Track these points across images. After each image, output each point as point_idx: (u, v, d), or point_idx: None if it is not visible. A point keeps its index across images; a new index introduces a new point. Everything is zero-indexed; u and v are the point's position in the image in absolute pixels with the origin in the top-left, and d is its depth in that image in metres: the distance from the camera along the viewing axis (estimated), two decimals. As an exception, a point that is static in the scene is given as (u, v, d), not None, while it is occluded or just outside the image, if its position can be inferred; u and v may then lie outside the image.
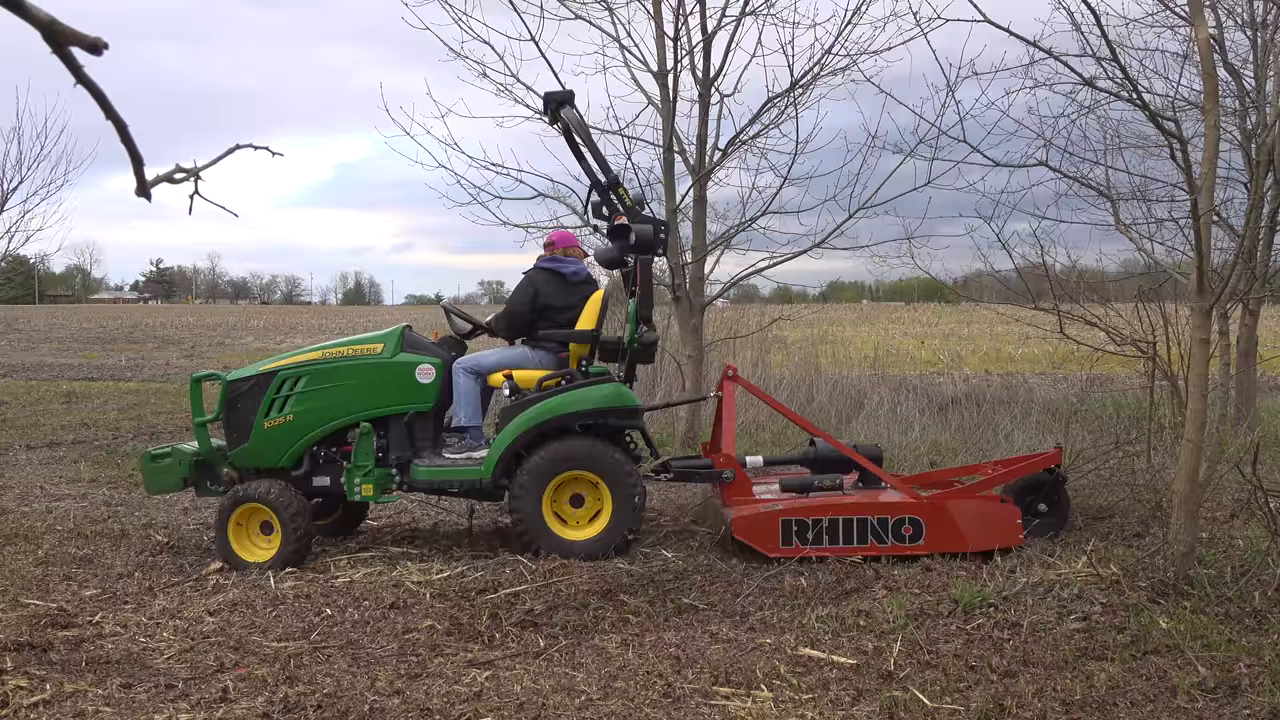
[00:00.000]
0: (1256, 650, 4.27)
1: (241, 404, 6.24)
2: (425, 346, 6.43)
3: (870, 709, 3.89)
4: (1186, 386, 5.28)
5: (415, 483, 6.23)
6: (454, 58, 8.80)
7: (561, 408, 6.13)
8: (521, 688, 4.12)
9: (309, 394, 6.20)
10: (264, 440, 6.20)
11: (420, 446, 6.28)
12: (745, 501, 6.25)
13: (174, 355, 28.32)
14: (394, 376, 6.25)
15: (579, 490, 6.18)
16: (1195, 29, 5.20)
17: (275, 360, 6.42)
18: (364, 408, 6.21)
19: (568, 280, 6.60)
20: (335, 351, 6.31)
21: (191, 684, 4.19)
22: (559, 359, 6.48)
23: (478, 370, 6.36)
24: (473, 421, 6.33)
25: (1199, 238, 5.06)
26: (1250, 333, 9.88)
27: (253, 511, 6.01)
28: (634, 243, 6.37)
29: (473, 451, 6.26)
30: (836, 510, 5.92)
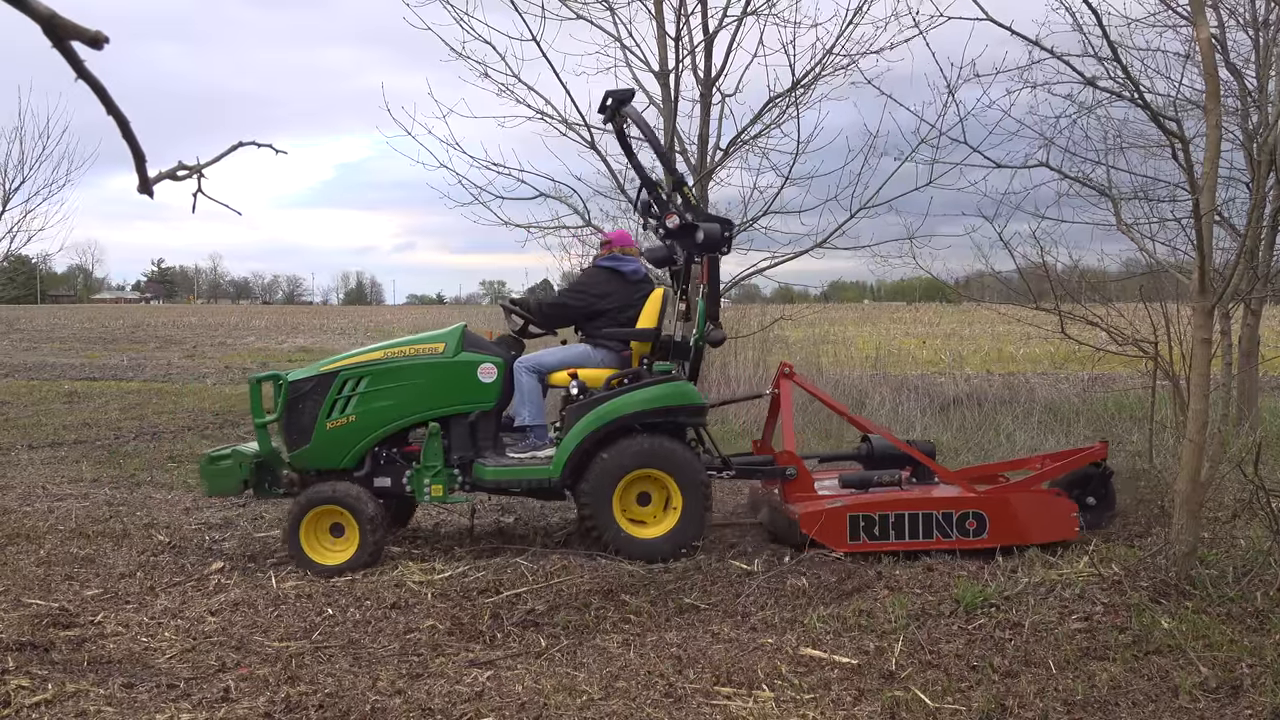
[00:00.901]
0: (1258, 650, 4.26)
1: (303, 405, 6.16)
2: (485, 345, 6.41)
3: (872, 709, 3.89)
4: (1188, 386, 5.27)
5: (482, 482, 6.19)
6: (455, 58, 8.82)
7: (630, 406, 6.12)
8: (523, 688, 4.12)
9: (371, 394, 6.14)
10: (326, 441, 6.13)
11: (482, 446, 6.25)
12: (808, 498, 6.28)
13: (175, 355, 28.34)
14: (456, 376, 6.22)
15: (646, 489, 6.18)
16: (1197, 29, 5.19)
17: (336, 360, 6.37)
18: (426, 408, 6.17)
19: (627, 279, 6.58)
20: (397, 351, 6.26)
21: (193, 684, 4.19)
22: (621, 358, 6.46)
23: (539, 369, 6.34)
24: (536, 421, 6.31)
25: (1201, 237, 5.05)
26: (1252, 332, 9.88)
27: (324, 514, 5.96)
28: (702, 241, 6.39)
29: (537, 451, 6.23)
30: (903, 505, 5.97)
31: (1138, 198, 8.92)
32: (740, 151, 9.10)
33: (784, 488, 6.43)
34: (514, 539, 6.62)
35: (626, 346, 6.47)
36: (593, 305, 6.47)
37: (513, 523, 7.17)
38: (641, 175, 6.90)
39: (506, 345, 6.52)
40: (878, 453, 6.73)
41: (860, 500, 6.07)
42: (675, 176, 6.56)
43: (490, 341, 6.50)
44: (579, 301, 6.49)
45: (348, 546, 5.93)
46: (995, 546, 5.86)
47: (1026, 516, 5.99)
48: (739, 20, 8.67)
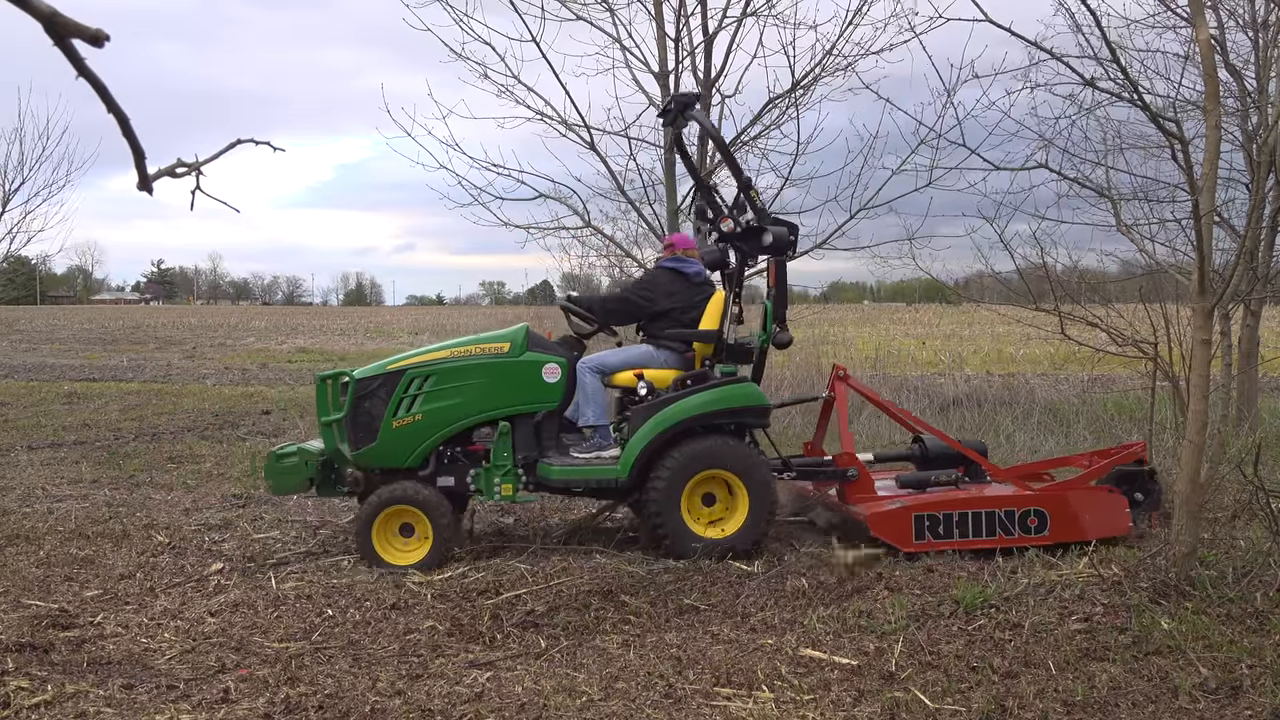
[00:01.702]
0: (1258, 651, 4.26)
1: (368, 403, 6.16)
2: (549, 346, 6.43)
3: (871, 710, 3.89)
4: (1188, 387, 5.27)
5: (548, 482, 6.19)
6: (455, 59, 8.81)
7: (699, 407, 6.14)
8: (523, 688, 4.12)
9: (437, 393, 6.13)
10: (392, 439, 6.12)
11: (545, 446, 6.26)
12: (868, 498, 6.33)
13: (175, 356, 28.35)
14: (521, 376, 6.22)
15: (710, 489, 6.20)
16: (1196, 30, 5.20)
17: (402, 359, 6.35)
18: (492, 407, 6.18)
19: (690, 280, 6.59)
20: (462, 350, 6.26)
21: (193, 685, 4.19)
22: (684, 359, 6.48)
23: (602, 370, 6.36)
24: (600, 421, 6.32)
25: (1200, 238, 5.05)
26: (1252, 333, 9.88)
27: (395, 513, 5.96)
28: (770, 244, 6.43)
29: (601, 451, 6.24)
30: (966, 505, 6.04)
31: (1137, 199, 8.94)
32: (740, 152, 9.09)
33: (844, 489, 6.47)
34: (513, 540, 6.62)
35: (689, 348, 6.50)
36: (657, 305, 6.50)
37: (512, 524, 7.17)
38: (696, 178, 6.96)
39: (568, 346, 6.55)
40: (932, 453, 6.81)
41: (925, 500, 6.14)
42: (742, 179, 6.58)
43: (553, 341, 6.54)
44: (643, 300, 6.52)
45: (420, 546, 5.95)
46: (1055, 544, 5.91)
47: (1084, 513, 6.06)
48: (739, 21, 8.67)
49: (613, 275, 13.58)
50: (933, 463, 6.76)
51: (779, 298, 6.49)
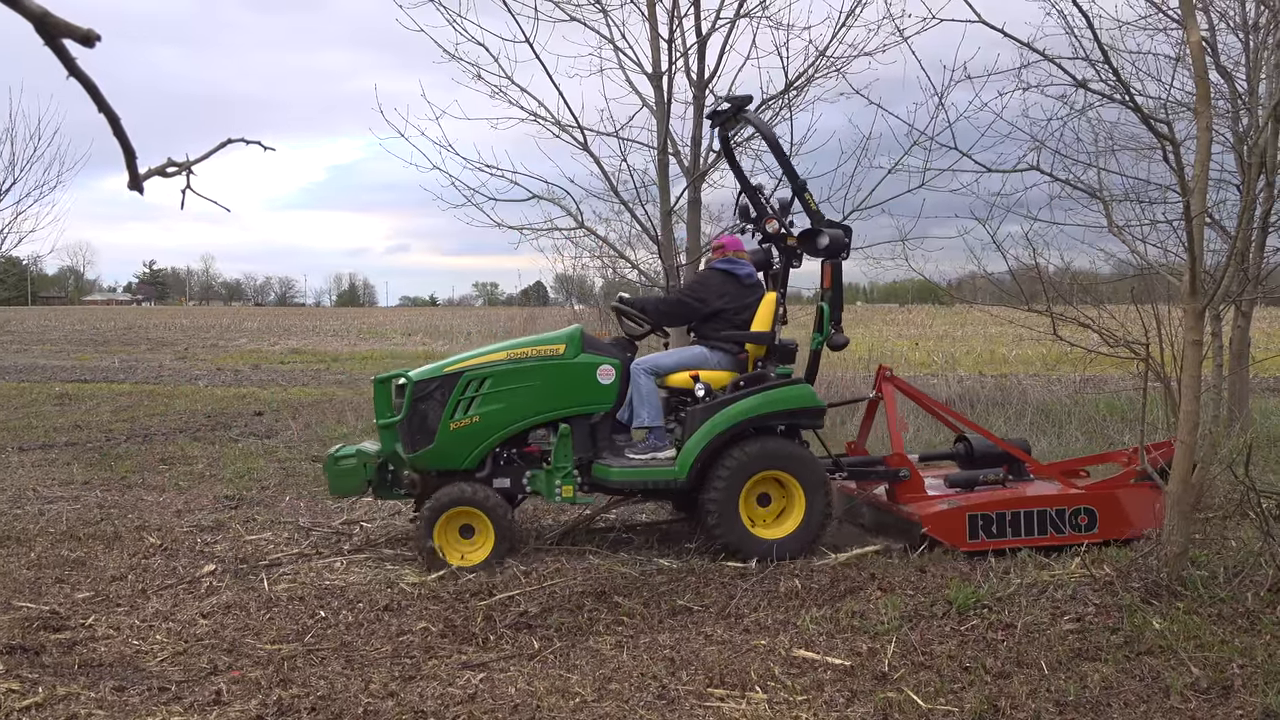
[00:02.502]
0: (1249, 651, 4.28)
1: (426, 405, 6.16)
2: (603, 347, 6.45)
3: (864, 710, 3.89)
4: (1179, 388, 5.29)
5: (606, 483, 6.23)
6: (448, 60, 8.80)
7: (757, 408, 6.18)
8: (516, 690, 4.12)
9: (494, 395, 6.14)
10: (449, 441, 6.11)
11: (600, 447, 6.29)
12: (919, 498, 6.38)
13: (167, 357, 28.26)
14: (577, 377, 6.24)
15: (766, 490, 6.24)
16: (1187, 32, 5.22)
17: (459, 361, 6.35)
18: (547, 409, 6.20)
19: (742, 282, 6.62)
20: (519, 352, 6.27)
21: (185, 687, 4.18)
22: (737, 360, 6.50)
23: (657, 371, 6.38)
24: (656, 422, 6.32)
25: (1192, 239, 5.07)
26: (1243, 334, 9.91)
27: (456, 514, 5.97)
28: (826, 246, 6.48)
29: (657, 452, 6.25)
30: (1019, 504, 6.11)
31: (1129, 200, 8.94)
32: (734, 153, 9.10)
33: (895, 489, 6.50)
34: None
35: (742, 349, 6.53)
36: (709, 306, 6.52)
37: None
38: (742, 180, 7.05)
39: (621, 347, 6.56)
40: (978, 452, 6.87)
41: (979, 500, 6.19)
42: (797, 181, 6.62)
43: (606, 343, 6.57)
44: (697, 302, 6.54)
45: (481, 547, 5.97)
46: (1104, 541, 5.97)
47: (1130, 510, 6.13)
48: (732, 23, 8.67)
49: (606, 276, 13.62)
50: (978, 462, 6.82)
51: (835, 299, 6.57)
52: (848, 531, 6.71)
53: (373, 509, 7.71)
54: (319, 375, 21.93)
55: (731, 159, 7.26)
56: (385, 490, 6.35)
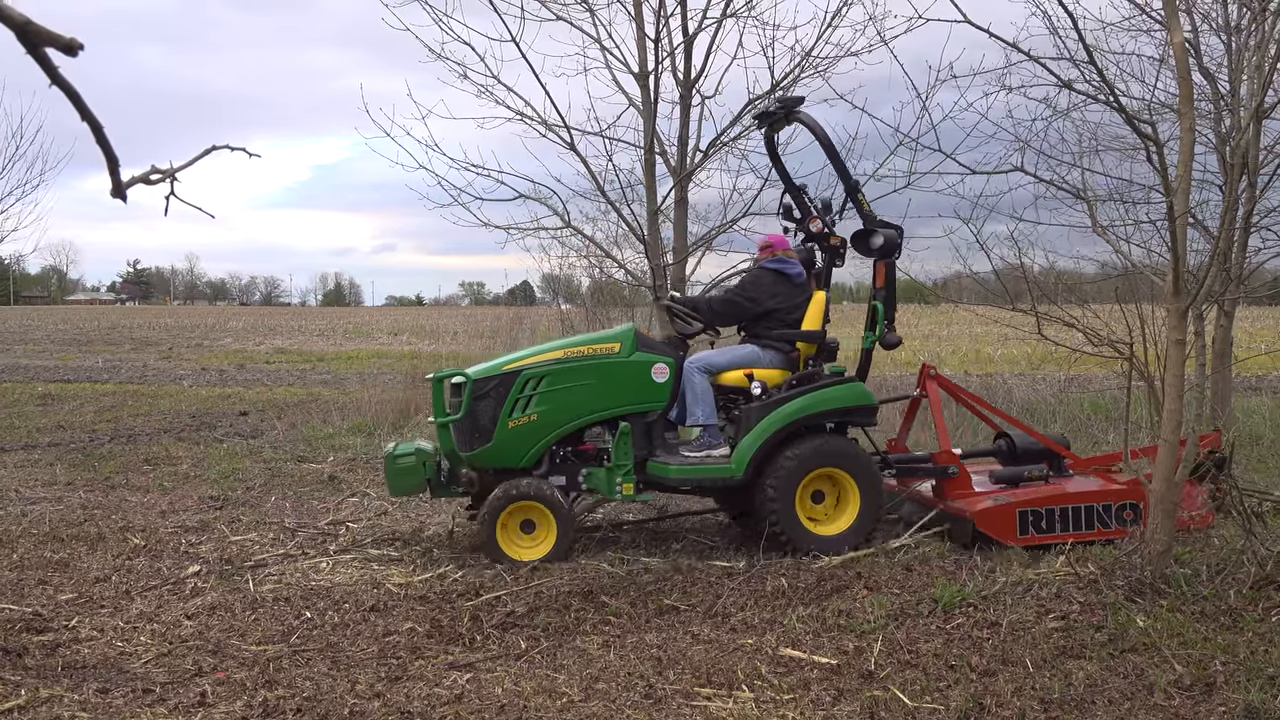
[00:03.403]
0: (1231, 648, 4.31)
1: (484, 403, 6.19)
2: (657, 346, 6.52)
3: (851, 709, 3.91)
4: (1163, 387, 5.33)
5: (663, 481, 6.28)
6: (434, 59, 8.75)
7: (814, 406, 6.27)
8: (502, 690, 4.11)
9: (552, 393, 6.20)
10: (507, 440, 6.16)
11: (654, 445, 6.35)
12: (967, 495, 6.44)
13: (151, 357, 28.09)
14: (632, 376, 6.30)
15: (819, 487, 6.33)
16: (1171, 33, 5.25)
17: (516, 360, 6.40)
18: (604, 407, 6.26)
19: (793, 281, 6.68)
20: (575, 351, 6.33)
21: (169, 688, 4.16)
22: (789, 358, 6.57)
23: (710, 369, 6.43)
24: (710, 420, 6.36)
25: (1175, 239, 5.10)
26: (1225, 334, 9.98)
27: (517, 510, 6.02)
28: (880, 246, 6.60)
29: (711, 450, 6.29)
30: (1067, 499, 6.20)
31: (1113, 200, 8.99)
32: (720, 153, 9.09)
33: (944, 486, 6.59)
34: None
35: (793, 347, 6.59)
36: (761, 305, 6.58)
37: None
38: (786, 179, 7.18)
39: (674, 345, 6.62)
40: (1020, 449, 6.95)
41: (1028, 496, 6.27)
42: (850, 182, 6.71)
43: (660, 342, 6.63)
44: (749, 302, 6.59)
45: (543, 542, 6.03)
46: None
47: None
48: (718, 22, 8.66)
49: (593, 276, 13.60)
50: (1018, 458, 6.90)
51: (890, 298, 6.66)
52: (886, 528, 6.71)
53: (358, 510, 7.69)
54: (304, 375, 21.85)
55: (776, 160, 7.36)
56: (442, 488, 6.40)
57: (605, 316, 12.98)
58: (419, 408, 11.96)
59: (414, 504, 7.90)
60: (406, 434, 10.76)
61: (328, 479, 8.88)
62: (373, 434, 11.21)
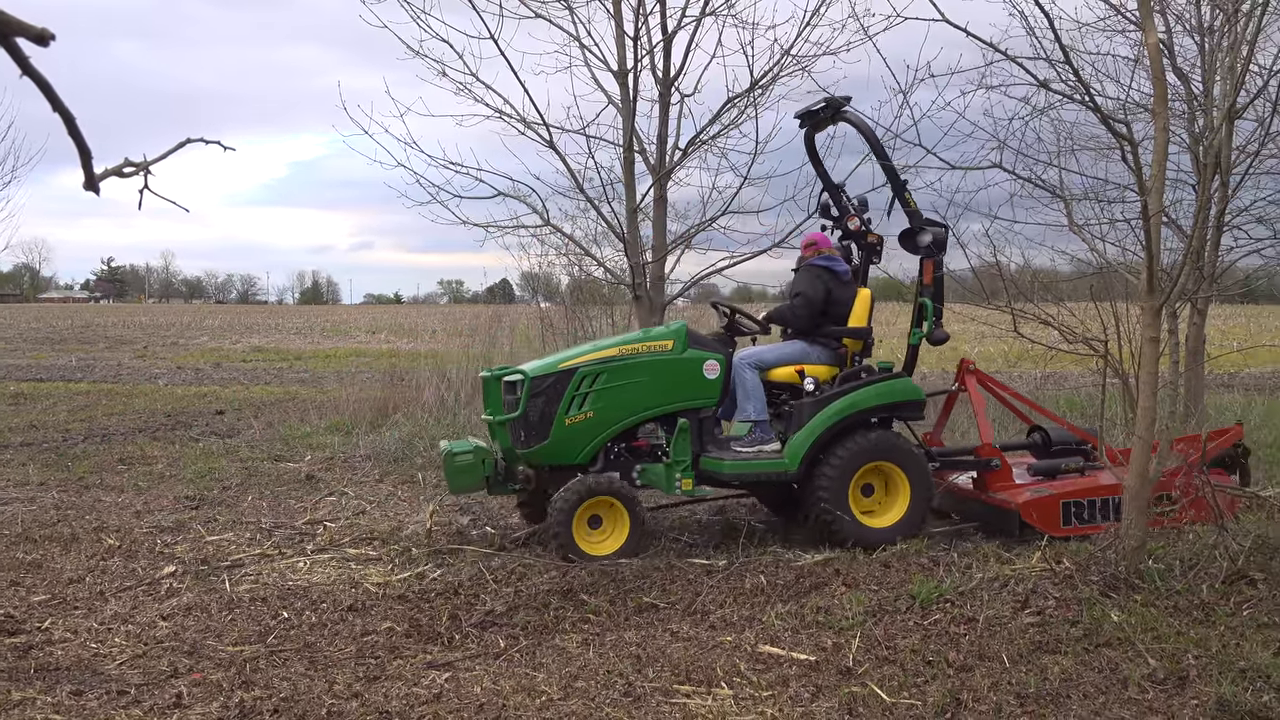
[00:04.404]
0: (1204, 642, 4.36)
1: (541, 401, 6.22)
2: (707, 343, 6.58)
3: (829, 705, 3.92)
4: (1137, 384, 5.38)
5: (717, 476, 6.36)
6: (413, 56, 8.72)
7: (866, 401, 6.38)
8: (481, 689, 4.10)
9: (607, 391, 6.25)
10: (565, 436, 6.20)
11: (706, 441, 6.41)
12: (1009, 487, 6.58)
13: (126, 356, 27.82)
14: (686, 372, 6.37)
15: (869, 480, 6.42)
16: (1145, 34, 5.30)
17: (570, 357, 6.45)
18: (658, 404, 6.33)
19: (840, 279, 6.80)
20: (629, 348, 6.38)
21: (144, 690, 4.12)
22: (837, 354, 6.70)
23: (760, 365, 6.54)
24: (761, 416, 6.45)
25: (1149, 238, 5.15)
26: (1198, 331, 10.09)
27: (590, 505, 6.04)
28: (929, 244, 6.74)
29: (763, 445, 6.37)
30: (1106, 491, 6.33)
31: (1088, 199, 9.07)
32: (699, 152, 9.10)
33: (986, 478, 6.70)
34: (472, 540, 6.59)
35: (840, 344, 6.69)
36: (830, 298, 6.69)
37: (468, 524, 7.13)
38: (824, 178, 7.33)
39: (723, 342, 6.71)
40: (1055, 442, 7.07)
41: (1072, 488, 6.41)
42: (897, 181, 6.80)
43: (710, 338, 6.70)
44: (817, 296, 6.68)
45: (615, 537, 6.06)
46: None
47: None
48: (697, 20, 8.67)
49: (572, 274, 13.57)
50: (1054, 452, 7.02)
51: (938, 294, 6.77)
52: None
53: (335, 509, 7.65)
54: (282, 374, 21.70)
55: (815, 158, 7.45)
56: (499, 486, 6.45)
57: (585, 315, 12.96)
58: (397, 406, 11.90)
59: (391, 503, 7.88)
60: (385, 432, 10.71)
61: (305, 478, 8.83)
62: (350, 433, 11.15)
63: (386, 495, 8.17)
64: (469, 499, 7.94)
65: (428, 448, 9.99)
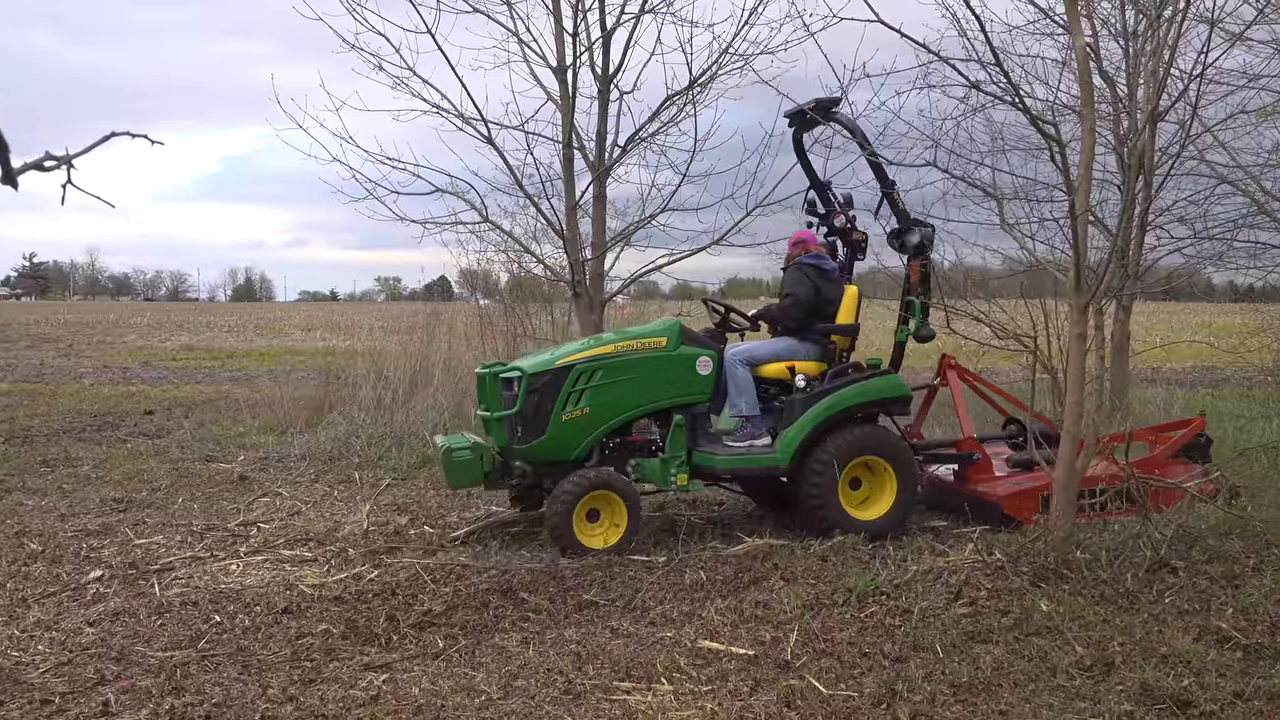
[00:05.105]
0: (1128, 629, 4.49)
1: (538, 397, 6.24)
2: (699, 339, 6.67)
3: (768, 698, 3.96)
4: (1065, 379, 5.52)
5: (712, 471, 6.46)
6: (348, 50, 8.58)
7: (856, 397, 6.52)
8: (420, 690, 4.06)
9: (603, 387, 6.30)
10: (561, 433, 6.24)
11: (698, 436, 6.49)
12: (989, 479, 6.75)
13: (49, 354, 26.95)
14: (679, 369, 6.46)
15: (856, 474, 6.54)
16: (1073, 37, 5.44)
17: (565, 354, 6.46)
18: (652, 400, 6.42)
19: (828, 276, 6.90)
20: (625, 345, 6.45)
21: (70, 699, 4.00)
22: (826, 351, 6.79)
23: (752, 361, 6.61)
24: (753, 411, 6.52)
25: (1076, 237, 5.29)
26: (1123, 328, 10.38)
27: (589, 499, 6.09)
28: (918, 243, 6.86)
29: (754, 440, 6.46)
30: (1085, 482, 6.31)
31: (1019, 198, 9.27)
32: (638, 149, 9.10)
33: (967, 471, 6.88)
34: (410, 540, 6.52)
35: (830, 340, 6.81)
36: (820, 296, 6.75)
37: (406, 523, 7.05)
38: (812, 178, 7.41)
39: (714, 339, 6.80)
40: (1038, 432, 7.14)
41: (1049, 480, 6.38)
42: (885, 183, 6.89)
43: (702, 335, 6.76)
44: (808, 296, 6.76)
45: (613, 530, 6.13)
46: None
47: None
48: (636, 18, 8.66)
49: (511, 271, 13.48)
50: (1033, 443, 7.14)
51: (925, 294, 6.88)
52: None
53: (269, 510, 7.52)
54: (213, 373, 21.24)
55: (803, 157, 7.54)
56: (495, 481, 6.45)
57: (524, 312, 12.89)
58: (333, 405, 11.71)
59: (327, 503, 7.76)
60: (320, 432, 10.54)
61: (238, 479, 8.65)
62: (285, 432, 10.95)
63: (322, 495, 8.04)
64: (406, 498, 7.87)
65: (364, 447, 9.85)
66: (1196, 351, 20.64)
